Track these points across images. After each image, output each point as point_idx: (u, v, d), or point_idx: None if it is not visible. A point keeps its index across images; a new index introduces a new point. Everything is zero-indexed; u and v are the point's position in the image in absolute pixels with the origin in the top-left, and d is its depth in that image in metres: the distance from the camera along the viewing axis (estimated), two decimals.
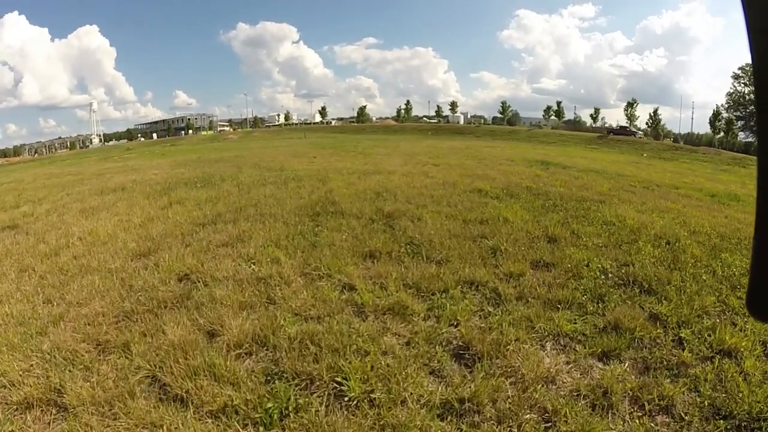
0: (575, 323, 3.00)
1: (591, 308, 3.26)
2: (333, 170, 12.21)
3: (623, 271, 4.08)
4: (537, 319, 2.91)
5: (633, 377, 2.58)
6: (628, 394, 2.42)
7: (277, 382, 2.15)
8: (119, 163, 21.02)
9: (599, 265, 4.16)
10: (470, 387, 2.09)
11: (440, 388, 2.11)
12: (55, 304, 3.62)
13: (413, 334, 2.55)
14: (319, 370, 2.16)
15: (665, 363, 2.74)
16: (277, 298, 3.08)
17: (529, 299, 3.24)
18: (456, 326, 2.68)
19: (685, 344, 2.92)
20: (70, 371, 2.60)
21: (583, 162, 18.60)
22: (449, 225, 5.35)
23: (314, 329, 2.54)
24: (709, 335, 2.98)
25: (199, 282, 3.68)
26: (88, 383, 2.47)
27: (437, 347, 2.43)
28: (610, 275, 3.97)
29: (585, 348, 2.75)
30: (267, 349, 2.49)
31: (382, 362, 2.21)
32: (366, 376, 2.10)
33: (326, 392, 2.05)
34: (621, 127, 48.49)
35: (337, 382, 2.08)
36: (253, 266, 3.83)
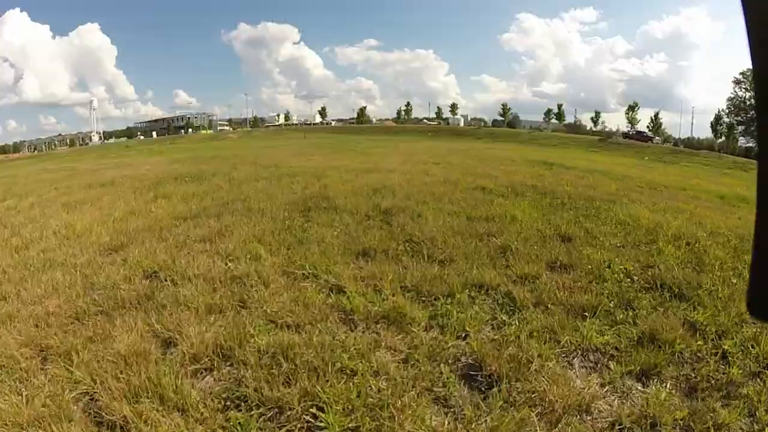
0: (605, 335, 2.53)
1: (620, 316, 2.80)
2: (330, 168, 11.79)
3: (649, 273, 3.65)
4: (561, 330, 2.43)
5: (679, 401, 2.15)
6: (679, 424, 1.98)
7: (235, 410, 1.67)
8: (115, 160, 20.80)
9: (622, 267, 3.71)
10: (486, 421, 1.61)
11: (447, 422, 1.62)
12: (9, 301, 3.24)
13: (412, 348, 2.05)
14: (291, 396, 1.67)
15: (713, 382, 2.32)
16: (252, 301, 2.60)
17: (549, 305, 2.76)
18: (465, 339, 2.19)
19: (730, 358, 2.49)
20: (0, 382, 2.18)
21: (585, 164, 18.25)
22: (452, 222, 4.87)
23: (290, 341, 2.05)
24: (753, 347, 2.57)
25: (167, 280, 3.22)
26: (17, 398, 2.05)
27: (442, 366, 1.93)
28: (634, 278, 3.53)
29: (620, 366, 2.29)
30: (231, 365, 2.00)
31: (373, 386, 1.72)
32: (350, 406, 1.61)
33: (297, 426, 1.56)
34: (637, 131, 46.67)
35: (313, 414, 1.59)
36: (229, 263, 3.35)
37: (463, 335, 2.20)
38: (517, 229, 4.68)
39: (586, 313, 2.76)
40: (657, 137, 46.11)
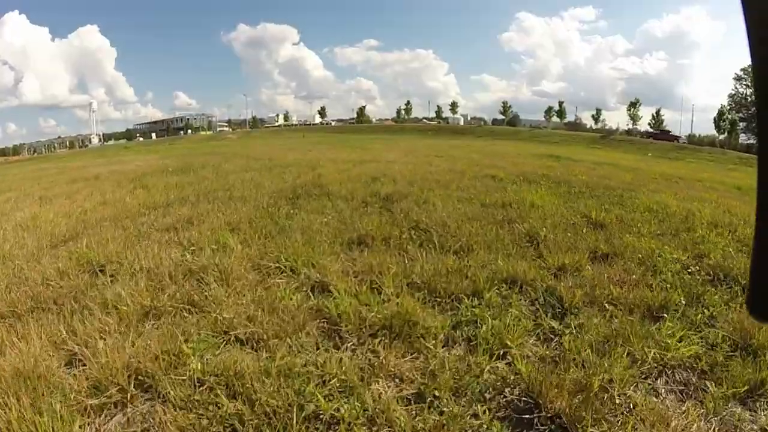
0: (689, 342, 1.85)
1: (696, 316, 2.14)
2: (326, 160, 11.15)
3: (705, 263, 3.03)
4: (632, 340, 1.73)
5: None
6: None
7: None
8: (110, 158, 20.40)
9: (673, 257, 3.06)
10: None
11: None
12: None
13: (428, 376, 1.32)
14: None
15: None
16: (204, 303, 1.90)
17: (605, 304, 2.07)
18: (504, 358, 1.47)
19: None
20: None
21: (591, 158, 17.73)
22: (464, 208, 4.18)
23: (241, 365, 1.34)
24: None
25: (109, 275, 2.53)
26: None
27: (477, 405, 1.22)
28: (691, 269, 2.89)
29: (720, 387, 1.62)
30: (148, 399, 1.31)
31: None
32: None
33: None
34: (662, 131, 43.22)
35: None
36: (189, 255, 2.65)
37: (502, 352, 1.48)
38: (540, 216, 4.02)
39: (656, 314, 2.08)
40: (683, 137, 42.32)
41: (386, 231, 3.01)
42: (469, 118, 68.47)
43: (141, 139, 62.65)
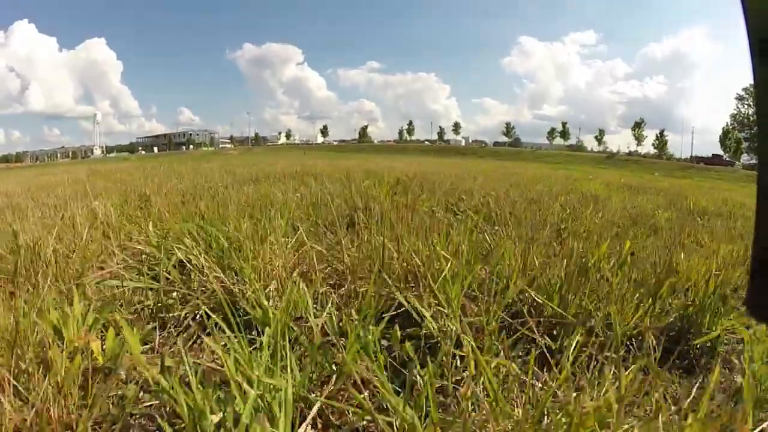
0: None
1: None
2: (323, 166, 10.02)
3: None
4: None
5: None
6: None
7: None
8: (101, 165, 19.75)
9: None
10: None
11: None
12: None
13: None
14: None
15: None
16: None
17: None
18: None
19: None
20: None
21: (605, 173, 16.76)
22: (515, 193, 2.88)
23: None
24: None
25: None
26: None
27: None
28: None
29: None
30: None
31: None
32: None
33: None
34: (714, 155, 39.03)
35: None
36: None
37: None
38: (625, 205, 2.73)
39: None
40: (737, 163, 36.38)
41: (402, 201, 1.68)
42: (470, 140, 68.49)
43: (143, 152, 62.37)
